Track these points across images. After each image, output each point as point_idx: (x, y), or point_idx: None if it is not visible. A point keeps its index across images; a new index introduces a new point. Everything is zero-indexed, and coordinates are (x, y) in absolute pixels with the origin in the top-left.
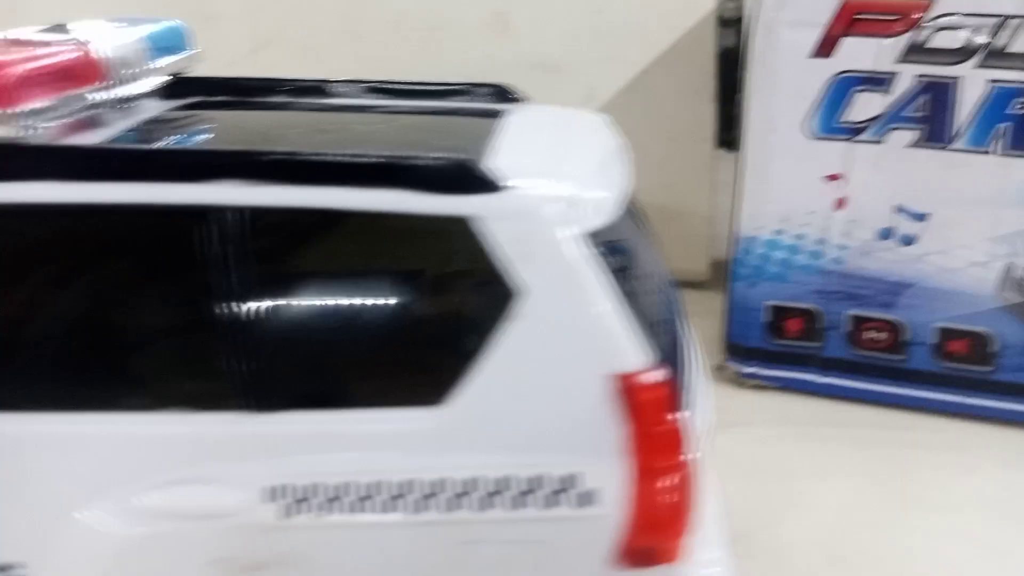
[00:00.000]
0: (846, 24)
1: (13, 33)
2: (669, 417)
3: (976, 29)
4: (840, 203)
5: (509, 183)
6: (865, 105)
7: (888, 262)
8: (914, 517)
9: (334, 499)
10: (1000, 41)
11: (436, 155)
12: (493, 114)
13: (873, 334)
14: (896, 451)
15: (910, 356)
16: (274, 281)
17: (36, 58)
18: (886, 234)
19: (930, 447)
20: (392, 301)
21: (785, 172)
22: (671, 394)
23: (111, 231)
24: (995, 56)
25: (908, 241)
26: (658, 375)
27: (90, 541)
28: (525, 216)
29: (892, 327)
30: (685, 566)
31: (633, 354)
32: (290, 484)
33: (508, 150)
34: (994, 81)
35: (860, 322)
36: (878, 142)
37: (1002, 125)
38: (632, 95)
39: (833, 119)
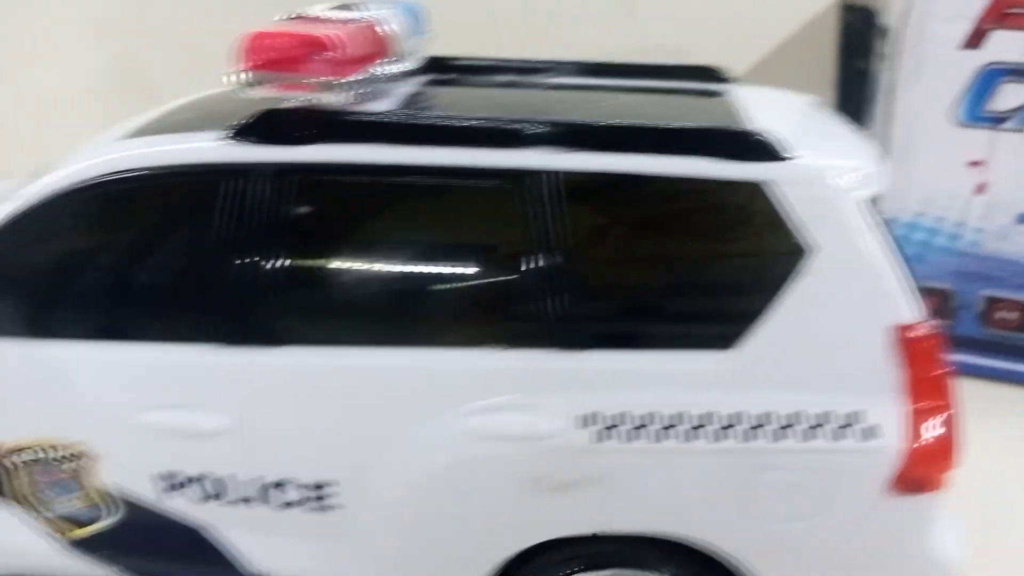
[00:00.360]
0: (996, 18)
1: (312, 11)
2: (940, 364)
3: None
4: (980, 188)
5: (798, 153)
6: (1010, 95)
7: None
8: None
9: (639, 428)
10: None
11: (736, 128)
12: (713, 93)
13: (1004, 314)
14: None
15: None
16: (584, 236)
17: (352, 35)
18: (1023, 219)
19: None
20: (691, 256)
21: (930, 157)
22: (941, 344)
23: (440, 190)
24: None
25: None
26: (931, 326)
27: (408, 462)
28: (815, 182)
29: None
30: (945, 496)
31: (909, 308)
32: (600, 413)
33: (770, 124)
34: None
35: (993, 302)
36: (1020, 131)
37: None
38: (754, 80)
39: (979, 108)
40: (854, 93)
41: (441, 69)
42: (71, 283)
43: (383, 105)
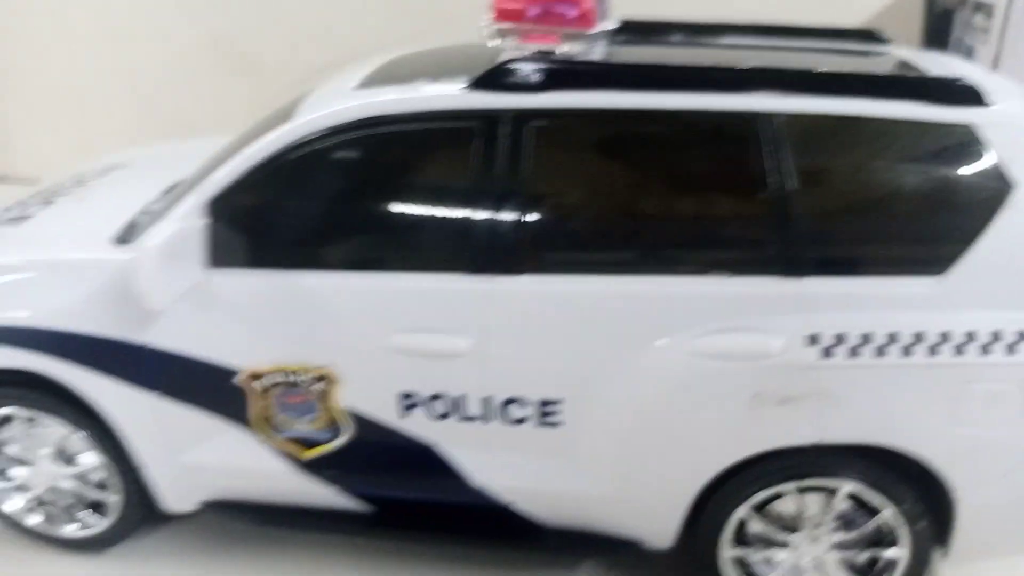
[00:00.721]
0: None
1: None
2: None
3: None
4: None
5: (998, 100)
6: None
7: None
8: None
9: (860, 346)
10: None
11: (948, 77)
12: (879, 53)
13: None
14: None
15: None
16: (808, 174)
17: None
18: None
19: None
20: (907, 191)
21: None
22: None
23: (675, 133)
24: None
25: None
26: None
27: (637, 381)
28: (1019, 125)
29: None
30: None
31: None
32: (824, 332)
33: (957, 75)
34: None
35: None
36: None
37: None
38: None
39: None
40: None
41: (634, 31)
42: (323, 218)
43: (602, 57)
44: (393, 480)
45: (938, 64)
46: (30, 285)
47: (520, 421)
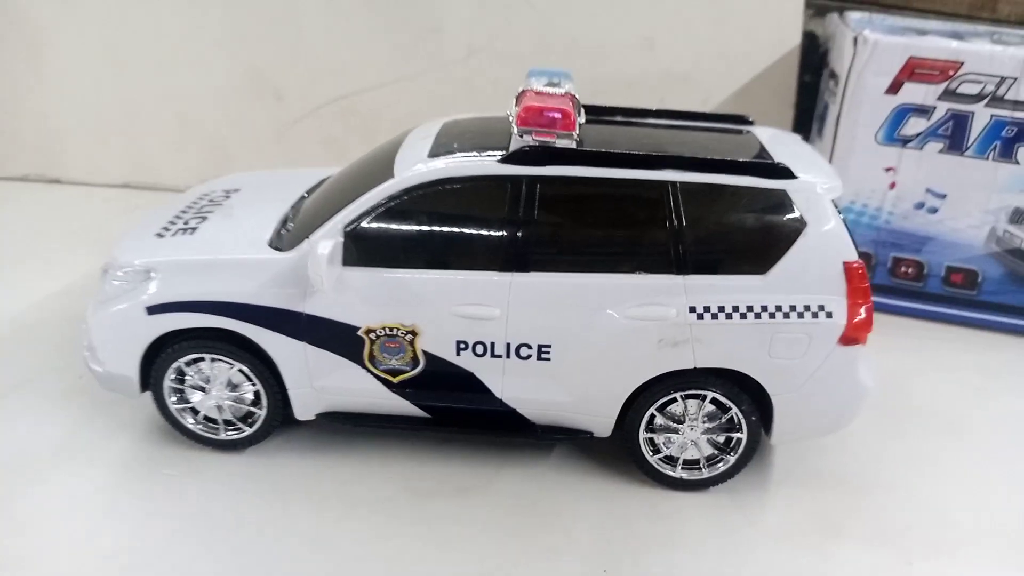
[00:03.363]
0: (908, 74)
1: (538, 88)
2: (865, 280)
3: (986, 83)
4: (892, 185)
5: (801, 174)
6: (914, 125)
7: (919, 224)
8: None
9: (718, 312)
10: (1000, 91)
11: (771, 161)
12: (744, 132)
13: (904, 269)
14: (916, 343)
15: (927, 284)
16: (691, 217)
17: (570, 104)
18: (919, 206)
19: (939, 340)
20: (747, 228)
21: (860, 164)
22: (864, 271)
23: (616, 192)
24: (996, 100)
25: (933, 211)
26: (861, 263)
27: (595, 333)
28: (810, 190)
29: (918, 265)
30: (864, 349)
31: (853, 252)
32: (698, 305)
33: (783, 155)
34: (993, 115)
35: (898, 261)
36: (920, 148)
37: (996, 143)
38: (738, 100)
39: (893, 133)
40: (807, 113)
41: (592, 112)
42: (411, 237)
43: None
44: (447, 395)
45: (780, 144)
46: (222, 275)
47: (527, 357)
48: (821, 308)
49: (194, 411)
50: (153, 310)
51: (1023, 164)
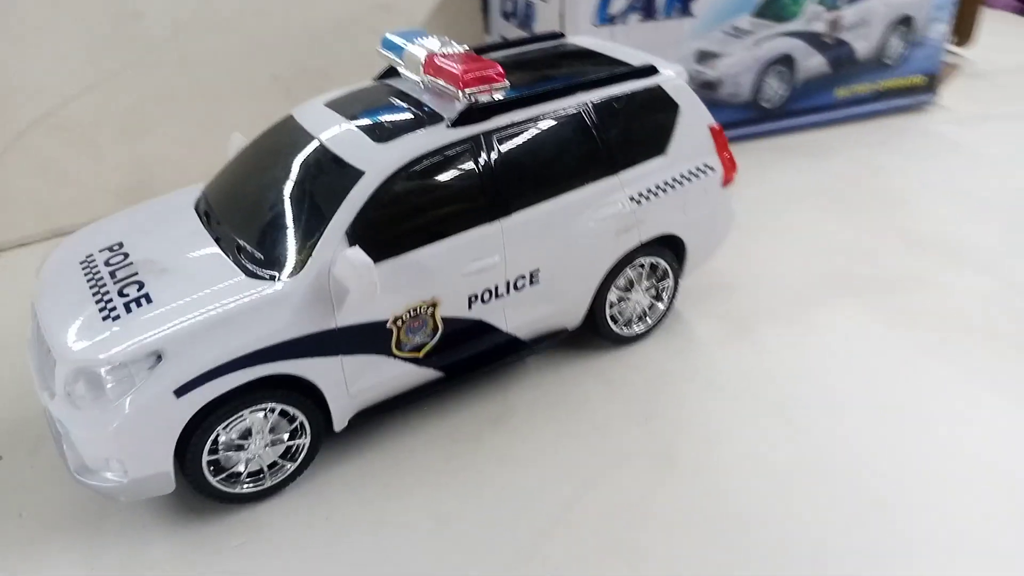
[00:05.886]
0: None
1: (432, 47)
2: (724, 138)
3: None
4: None
5: (664, 71)
6: (616, 4)
7: None
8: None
9: (648, 195)
10: None
11: (642, 65)
12: (567, 45)
13: None
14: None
15: None
16: (605, 124)
17: (468, 59)
18: None
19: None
20: (644, 121)
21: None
22: (723, 130)
23: (551, 126)
24: None
25: None
26: (719, 124)
27: (567, 245)
28: (674, 80)
29: None
30: (731, 188)
31: (711, 118)
32: (635, 194)
33: (624, 56)
34: None
35: None
36: (625, 23)
37: (676, 3)
38: (436, 16)
39: (604, 14)
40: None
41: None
42: (408, 219)
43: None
44: (463, 348)
45: (607, 49)
46: (241, 325)
47: (522, 288)
48: (707, 165)
49: (235, 474)
50: (182, 390)
51: (697, 16)
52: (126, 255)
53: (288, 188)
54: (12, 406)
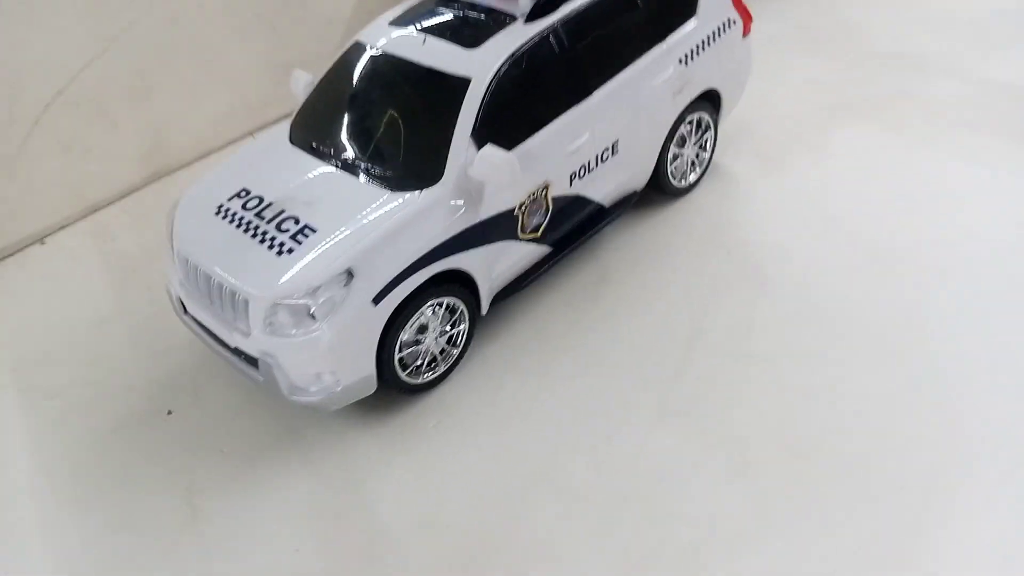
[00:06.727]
0: None
1: None
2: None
3: None
4: None
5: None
6: None
7: None
8: None
9: (692, 55)
10: None
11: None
12: None
13: None
14: None
15: None
16: (649, 4)
17: None
18: None
19: None
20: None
21: None
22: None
23: (607, 9)
24: None
25: None
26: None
27: (643, 106)
28: None
29: None
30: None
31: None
32: (680, 56)
33: None
34: None
35: None
36: None
37: None
38: None
39: None
40: None
41: None
42: (521, 112)
43: None
44: (565, 223)
45: None
46: (409, 235)
47: (606, 159)
48: (730, 20)
49: (416, 368)
50: (378, 298)
51: None
52: (261, 199)
53: (395, 108)
54: (154, 365)
